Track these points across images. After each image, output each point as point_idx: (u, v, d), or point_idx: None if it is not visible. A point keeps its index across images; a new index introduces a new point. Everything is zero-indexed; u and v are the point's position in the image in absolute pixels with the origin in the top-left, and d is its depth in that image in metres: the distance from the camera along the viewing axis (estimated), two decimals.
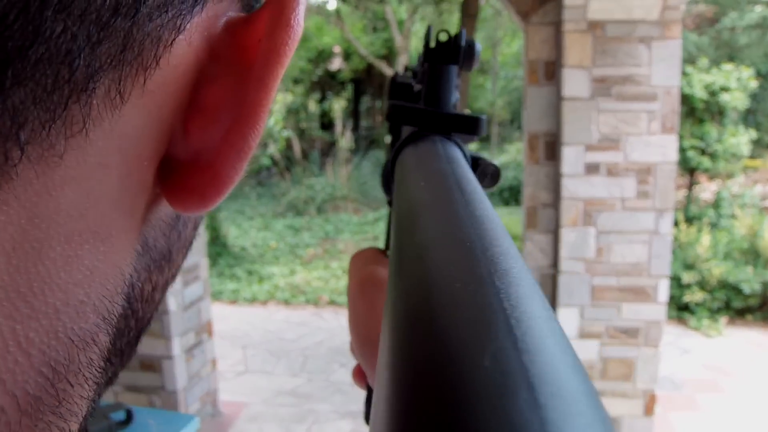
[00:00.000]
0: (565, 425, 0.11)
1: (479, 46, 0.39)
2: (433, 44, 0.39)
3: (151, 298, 0.26)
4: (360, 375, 0.48)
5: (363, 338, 0.42)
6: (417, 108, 0.39)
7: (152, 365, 3.79)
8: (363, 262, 0.46)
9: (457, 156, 0.34)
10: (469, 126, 0.38)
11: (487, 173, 0.38)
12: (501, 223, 0.23)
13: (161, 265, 0.26)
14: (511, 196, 11.22)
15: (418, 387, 0.13)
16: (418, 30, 13.54)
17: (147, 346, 3.75)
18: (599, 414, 0.13)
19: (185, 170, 0.22)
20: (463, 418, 0.12)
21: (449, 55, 0.39)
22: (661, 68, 3.30)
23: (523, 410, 0.12)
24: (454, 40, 0.39)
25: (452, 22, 12.18)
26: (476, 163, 0.39)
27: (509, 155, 14.31)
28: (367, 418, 0.50)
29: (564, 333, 0.16)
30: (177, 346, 3.80)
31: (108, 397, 3.82)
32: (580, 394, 0.13)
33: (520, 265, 0.19)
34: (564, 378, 0.13)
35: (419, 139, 0.38)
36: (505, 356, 0.13)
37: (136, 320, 0.25)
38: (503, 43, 15.70)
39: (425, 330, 0.15)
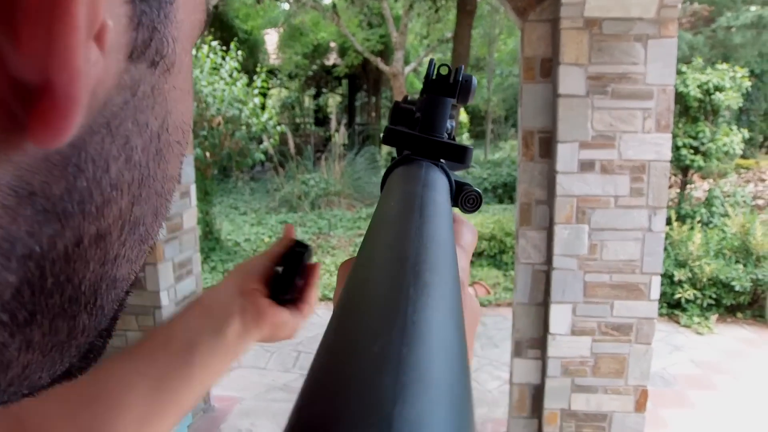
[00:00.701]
0: (417, 401, 0.15)
1: (475, 82, 0.43)
2: (434, 76, 0.43)
3: (75, 255, 0.23)
4: None
5: None
6: (410, 133, 0.42)
7: None
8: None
9: (436, 180, 0.37)
10: (457, 154, 0.42)
11: (469, 198, 0.43)
12: (447, 242, 0.26)
13: (69, 212, 0.22)
14: (505, 193, 11.23)
15: (325, 361, 0.18)
16: (414, 26, 13.53)
17: None
18: (456, 402, 0.16)
19: (30, 93, 0.19)
20: (346, 384, 0.16)
21: (446, 88, 0.42)
22: (657, 66, 3.31)
23: (387, 384, 0.16)
24: (452, 74, 0.42)
25: (449, 19, 12.18)
26: (460, 189, 0.42)
27: (503, 152, 14.31)
28: None
29: (458, 342, 0.20)
30: None
31: None
32: (441, 382, 0.16)
33: (445, 281, 0.23)
34: (430, 368, 0.17)
35: (409, 162, 0.41)
36: (390, 347, 0.17)
37: (58, 283, 0.23)
38: (499, 40, 15.71)
39: (345, 321, 0.20)
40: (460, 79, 0.42)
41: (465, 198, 0.42)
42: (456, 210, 0.49)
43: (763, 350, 5.67)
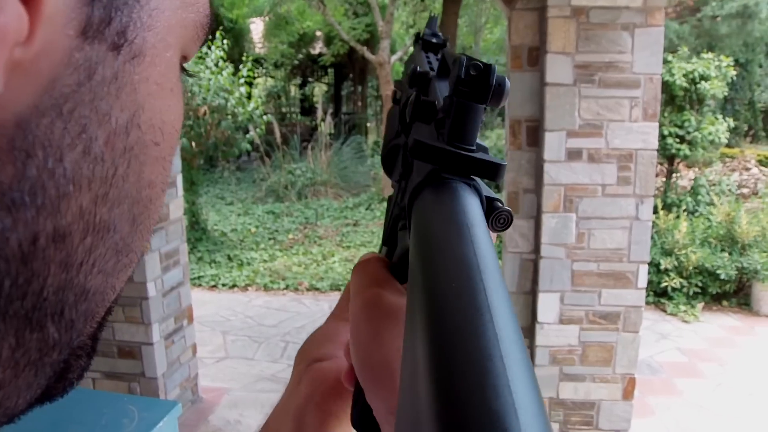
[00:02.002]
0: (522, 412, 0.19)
1: (508, 84, 0.37)
2: (464, 77, 0.37)
3: (32, 255, 0.22)
4: (350, 377, 0.48)
5: (364, 361, 0.41)
6: (443, 149, 0.38)
7: (132, 352, 3.76)
8: (369, 279, 0.45)
9: (474, 211, 0.34)
10: (491, 172, 0.38)
11: (500, 218, 0.39)
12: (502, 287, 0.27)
13: (20, 203, 0.21)
14: (491, 182, 11.24)
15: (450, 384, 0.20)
16: (401, 15, 13.48)
17: (126, 333, 3.72)
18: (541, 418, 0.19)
19: None
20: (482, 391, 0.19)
21: (479, 92, 0.37)
22: (644, 55, 3.31)
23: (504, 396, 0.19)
24: (485, 75, 0.37)
25: (435, 8, 12.14)
26: (491, 207, 0.38)
27: (490, 141, 14.33)
28: (353, 421, 0.50)
29: (532, 370, 0.22)
30: (156, 332, 3.77)
31: (86, 384, 3.80)
32: (535, 401, 0.20)
33: (509, 317, 0.24)
34: (528, 396, 0.20)
35: (439, 183, 0.38)
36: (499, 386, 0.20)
37: (17, 286, 0.21)
38: (485, 29, 15.69)
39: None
40: (493, 83, 0.37)
41: (496, 218, 0.38)
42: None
43: (749, 338, 5.71)
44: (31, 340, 0.23)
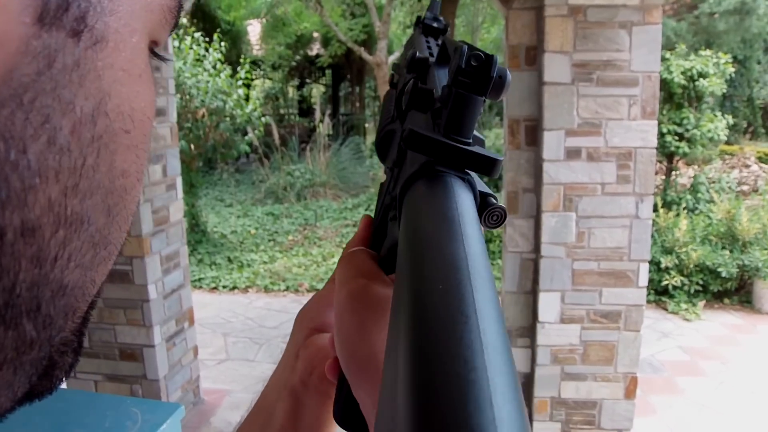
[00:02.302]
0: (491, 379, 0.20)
1: (509, 77, 0.36)
2: (465, 66, 0.35)
3: (0, 250, 0.21)
4: (333, 369, 0.48)
5: (349, 354, 0.40)
6: (438, 140, 0.37)
7: (133, 354, 3.76)
8: (354, 271, 0.44)
9: (467, 207, 0.33)
10: (486, 167, 0.37)
11: (493, 215, 0.38)
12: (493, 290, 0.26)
13: None
14: (491, 182, 11.24)
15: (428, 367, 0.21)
16: (398, 15, 13.48)
17: (128, 335, 3.72)
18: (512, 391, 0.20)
19: None
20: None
21: (479, 84, 0.35)
22: (642, 53, 3.30)
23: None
24: (486, 66, 0.35)
25: None
26: (484, 203, 0.38)
27: (488, 141, 14.29)
28: (335, 415, 0.50)
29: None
30: (158, 335, 3.77)
31: (88, 386, 3.80)
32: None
33: (494, 317, 0.24)
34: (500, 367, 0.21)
35: (433, 176, 0.37)
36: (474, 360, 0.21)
37: None
38: (482, 29, 15.69)
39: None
40: (494, 74, 0.35)
41: (489, 215, 0.38)
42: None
43: (750, 336, 5.71)
44: (6, 338, 0.22)
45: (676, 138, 7.61)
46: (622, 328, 3.55)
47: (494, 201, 0.38)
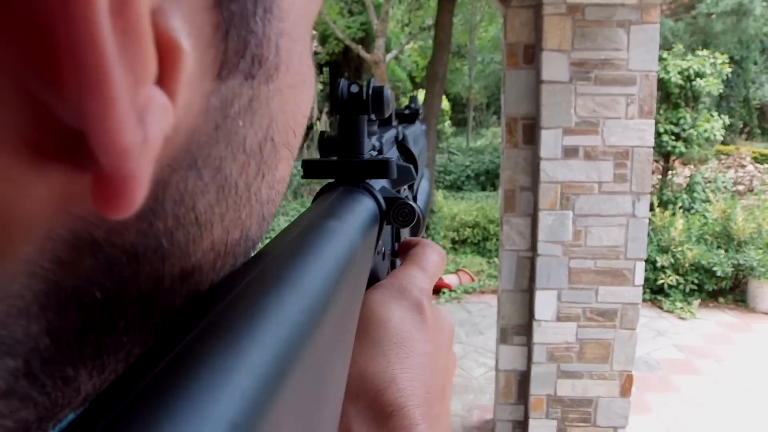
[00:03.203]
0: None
1: (388, 92, 0.41)
2: (346, 96, 0.41)
3: (154, 296, 0.20)
4: None
5: None
6: (325, 161, 0.41)
7: None
8: None
9: (348, 210, 0.35)
10: (378, 170, 0.40)
11: (401, 212, 0.41)
12: (323, 267, 0.25)
13: (143, 257, 0.19)
14: (488, 180, 11.27)
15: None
16: (396, 13, 13.47)
17: None
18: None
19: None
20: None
21: (359, 105, 0.41)
22: (640, 52, 3.31)
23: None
24: (362, 90, 0.41)
25: (430, 6, 12.13)
26: (392, 204, 0.41)
27: (486, 139, 14.34)
28: None
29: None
30: None
31: None
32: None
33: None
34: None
35: (327, 191, 0.40)
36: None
37: (129, 324, 0.19)
38: (480, 27, 15.69)
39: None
40: (371, 92, 0.41)
41: (396, 213, 0.41)
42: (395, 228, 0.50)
43: (745, 335, 5.73)
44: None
45: (673, 138, 7.63)
46: (618, 327, 3.55)
47: (402, 201, 0.41)
